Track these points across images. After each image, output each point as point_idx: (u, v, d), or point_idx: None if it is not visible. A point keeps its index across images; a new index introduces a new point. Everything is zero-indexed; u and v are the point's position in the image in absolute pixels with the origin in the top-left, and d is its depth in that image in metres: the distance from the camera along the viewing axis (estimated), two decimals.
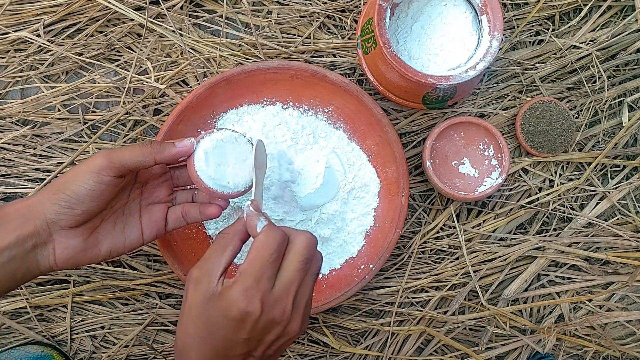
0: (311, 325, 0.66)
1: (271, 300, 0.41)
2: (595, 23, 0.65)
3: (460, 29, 0.58)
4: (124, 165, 0.46)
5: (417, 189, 0.66)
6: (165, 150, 0.48)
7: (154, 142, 0.48)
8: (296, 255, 0.42)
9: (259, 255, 0.41)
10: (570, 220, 0.67)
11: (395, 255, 0.66)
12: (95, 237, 0.49)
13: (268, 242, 0.42)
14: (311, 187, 0.59)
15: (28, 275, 0.46)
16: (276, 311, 0.41)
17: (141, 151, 0.47)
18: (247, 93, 0.61)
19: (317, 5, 0.64)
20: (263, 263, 0.41)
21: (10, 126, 0.64)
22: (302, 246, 0.43)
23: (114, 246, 0.50)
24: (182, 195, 0.54)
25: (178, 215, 0.53)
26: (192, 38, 0.63)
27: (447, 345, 0.67)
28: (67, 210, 0.45)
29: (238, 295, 0.40)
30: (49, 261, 0.47)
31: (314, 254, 0.44)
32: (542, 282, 0.67)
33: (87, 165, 0.46)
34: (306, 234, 0.43)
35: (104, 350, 0.65)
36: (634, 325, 0.67)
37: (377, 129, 0.61)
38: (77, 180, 0.45)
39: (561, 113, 0.64)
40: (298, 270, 0.42)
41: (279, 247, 0.42)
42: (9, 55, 0.63)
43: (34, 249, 0.46)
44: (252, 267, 0.41)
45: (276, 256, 0.42)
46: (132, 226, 0.51)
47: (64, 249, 0.47)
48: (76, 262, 0.48)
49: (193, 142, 0.48)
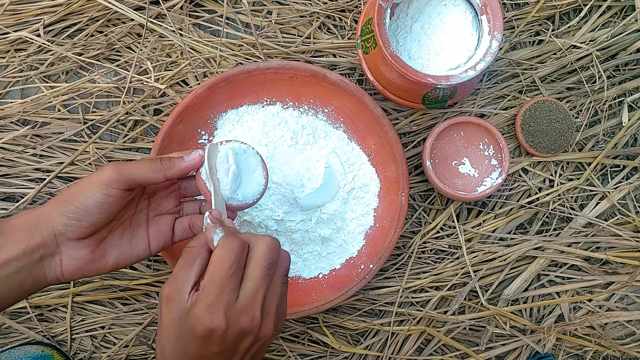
0: (311, 325, 0.66)
1: (236, 312, 0.41)
2: (595, 23, 0.65)
3: (460, 29, 0.58)
4: (134, 179, 0.46)
5: (417, 189, 0.66)
6: (175, 166, 0.48)
7: (163, 158, 0.48)
8: (258, 262, 0.42)
9: (218, 269, 0.41)
10: (570, 220, 0.67)
11: (395, 255, 0.66)
12: (103, 249, 0.49)
13: (225, 254, 0.41)
14: (311, 187, 0.59)
15: (35, 286, 0.46)
16: (243, 321, 0.41)
17: (151, 167, 0.47)
18: (247, 93, 0.61)
19: (317, 5, 0.64)
20: (223, 277, 0.40)
21: (10, 126, 0.64)
22: (262, 252, 0.42)
23: (121, 257, 0.50)
24: (189, 206, 0.54)
25: (185, 227, 0.53)
26: (192, 38, 0.63)
27: (447, 345, 0.67)
28: (75, 222, 0.45)
29: (201, 312, 0.40)
30: (56, 272, 0.47)
31: (278, 257, 0.43)
32: (542, 282, 0.67)
33: (97, 178, 0.46)
34: (266, 239, 0.43)
35: (104, 350, 0.65)
36: (633, 325, 0.67)
37: (377, 129, 0.61)
38: (85, 192, 0.45)
39: (561, 113, 0.64)
40: (262, 277, 0.41)
41: (237, 258, 0.41)
42: (9, 55, 0.63)
43: (41, 260, 0.46)
44: (212, 282, 0.40)
45: (236, 267, 0.41)
46: (140, 237, 0.51)
47: (71, 260, 0.47)
48: (83, 273, 0.48)
49: (201, 155, 0.48)
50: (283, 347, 0.65)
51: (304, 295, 0.62)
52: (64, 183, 0.64)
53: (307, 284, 0.62)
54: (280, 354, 0.66)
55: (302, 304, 0.60)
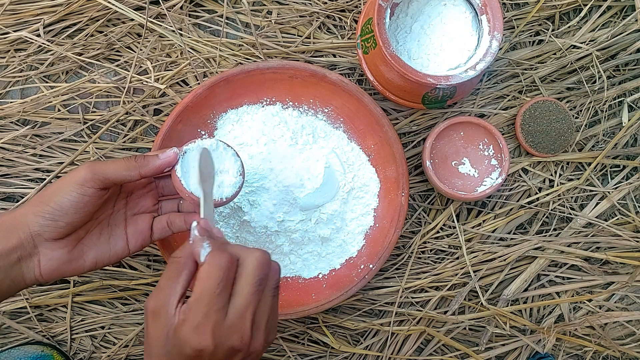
0: (311, 325, 0.66)
1: (225, 331, 0.39)
2: (595, 23, 0.65)
3: (460, 29, 0.58)
4: (108, 178, 0.46)
5: (417, 189, 0.66)
6: (149, 164, 0.47)
7: (138, 156, 0.48)
8: (248, 277, 0.40)
9: (205, 287, 0.39)
10: (570, 220, 0.67)
11: (395, 255, 0.66)
12: (81, 249, 0.49)
13: (212, 272, 0.40)
14: (311, 187, 0.59)
15: (13, 287, 0.46)
16: (233, 339, 0.40)
17: (126, 165, 0.47)
18: (247, 93, 0.61)
19: (317, 5, 0.64)
20: (210, 295, 0.39)
21: (10, 126, 0.64)
22: (253, 267, 0.41)
23: (99, 257, 0.50)
24: (167, 205, 0.54)
25: (164, 225, 0.52)
26: (192, 38, 0.63)
27: (447, 345, 0.67)
28: (51, 222, 0.45)
29: (189, 333, 0.39)
30: (34, 273, 0.47)
31: (268, 271, 0.42)
32: (542, 282, 0.67)
33: (72, 177, 0.46)
34: (256, 253, 0.41)
35: (104, 350, 0.65)
36: (633, 325, 0.67)
37: (377, 129, 0.61)
38: (60, 192, 0.45)
39: (561, 113, 0.64)
40: (252, 293, 0.40)
41: (225, 274, 0.40)
42: (9, 55, 0.63)
43: (18, 261, 0.46)
44: (200, 302, 0.39)
45: (224, 284, 0.40)
46: (118, 237, 0.51)
47: (49, 261, 0.47)
48: (61, 273, 0.48)
49: (176, 152, 0.48)
50: (283, 347, 0.65)
51: (303, 295, 0.62)
52: None
53: (307, 284, 0.62)
54: (280, 354, 0.66)
55: (302, 304, 0.60)
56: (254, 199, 0.58)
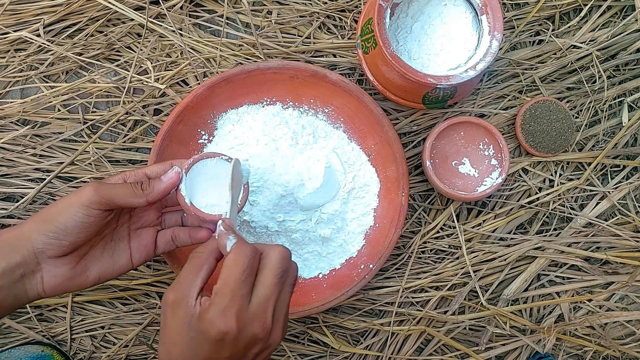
0: (311, 325, 0.66)
1: (249, 317, 0.41)
2: (595, 23, 0.65)
3: (460, 28, 0.58)
4: (115, 202, 0.46)
5: (417, 189, 0.66)
6: (154, 190, 0.48)
7: (144, 183, 0.48)
8: (271, 269, 0.42)
9: (231, 273, 0.41)
10: (570, 220, 0.67)
11: (395, 255, 0.66)
12: (84, 264, 0.49)
13: (239, 259, 0.42)
14: (311, 187, 0.59)
15: (16, 303, 0.46)
16: (255, 326, 0.41)
17: (134, 192, 0.47)
18: (247, 93, 0.61)
19: (317, 5, 0.64)
20: (236, 281, 0.41)
21: (10, 126, 0.64)
22: (276, 260, 0.43)
23: (103, 272, 0.50)
24: (171, 218, 0.54)
25: (168, 239, 0.53)
26: (192, 38, 0.63)
27: (447, 345, 0.67)
28: (55, 241, 0.45)
29: (215, 316, 0.40)
30: (37, 289, 0.47)
31: (289, 266, 0.44)
32: (542, 282, 0.67)
33: (77, 198, 0.46)
34: (279, 247, 0.44)
35: (104, 350, 0.65)
36: (633, 325, 0.67)
37: (377, 129, 0.61)
38: (66, 212, 0.45)
39: (561, 113, 0.64)
40: (274, 284, 0.42)
41: (250, 263, 0.42)
42: (9, 55, 0.63)
43: (22, 278, 0.46)
44: (226, 286, 0.41)
45: (249, 272, 0.42)
46: (121, 251, 0.51)
47: (52, 277, 0.47)
48: (65, 289, 0.48)
49: (178, 172, 0.49)
50: (283, 347, 0.65)
51: (304, 295, 0.62)
52: (64, 183, 0.64)
53: (307, 284, 0.62)
54: (280, 354, 0.66)
55: (302, 304, 0.60)
56: (255, 198, 0.58)
